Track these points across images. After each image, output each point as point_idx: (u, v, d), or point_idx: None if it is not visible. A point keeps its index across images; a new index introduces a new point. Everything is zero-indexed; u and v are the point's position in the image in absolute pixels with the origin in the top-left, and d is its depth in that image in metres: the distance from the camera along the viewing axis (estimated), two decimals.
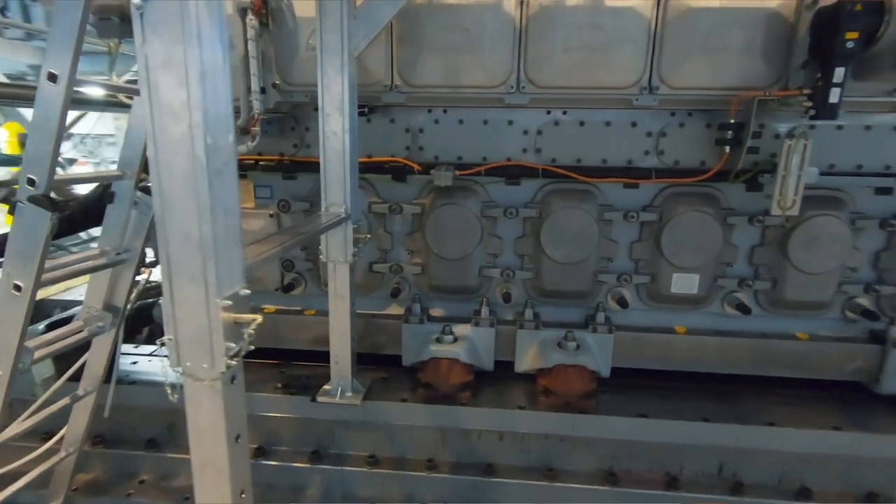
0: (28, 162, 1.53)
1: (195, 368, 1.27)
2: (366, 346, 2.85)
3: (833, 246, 2.52)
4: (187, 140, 1.13)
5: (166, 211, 1.18)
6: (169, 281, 1.22)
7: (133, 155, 1.91)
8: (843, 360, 2.66)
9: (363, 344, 2.82)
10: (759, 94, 2.27)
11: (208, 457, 1.34)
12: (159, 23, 1.07)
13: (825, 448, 2.38)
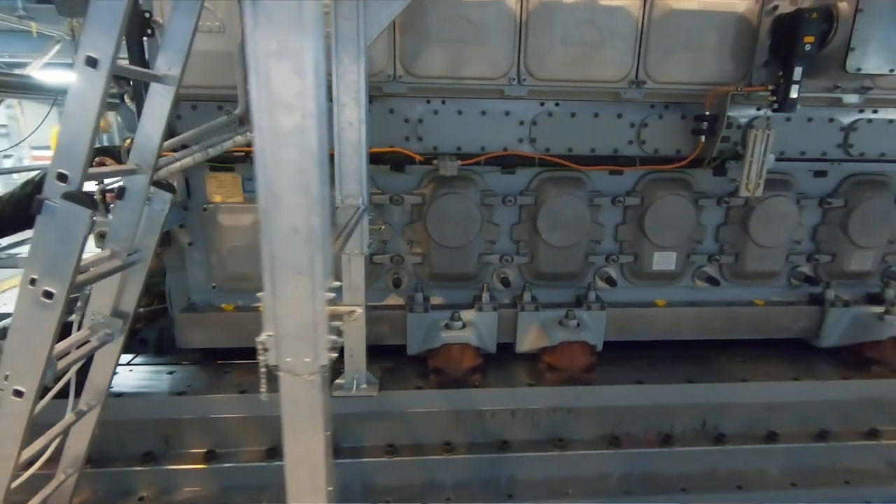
0: (60, 155, 1.39)
1: (296, 364, 1.25)
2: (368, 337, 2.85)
3: (784, 222, 2.90)
4: (300, 132, 1.11)
5: (273, 205, 1.14)
6: (272, 276, 1.19)
7: (149, 147, 1.78)
8: (791, 321, 3.08)
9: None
10: (732, 90, 2.55)
11: (304, 452, 1.32)
12: (275, 10, 1.04)
13: (786, 396, 2.77)
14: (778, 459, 2.70)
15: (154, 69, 1.75)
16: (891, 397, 2.83)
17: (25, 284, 1.45)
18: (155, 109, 1.48)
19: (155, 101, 1.53)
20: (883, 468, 2.71)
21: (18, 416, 1.50)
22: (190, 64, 2.29)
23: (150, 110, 1.50)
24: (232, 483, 2.48)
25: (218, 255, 2.78)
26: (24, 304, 1.45)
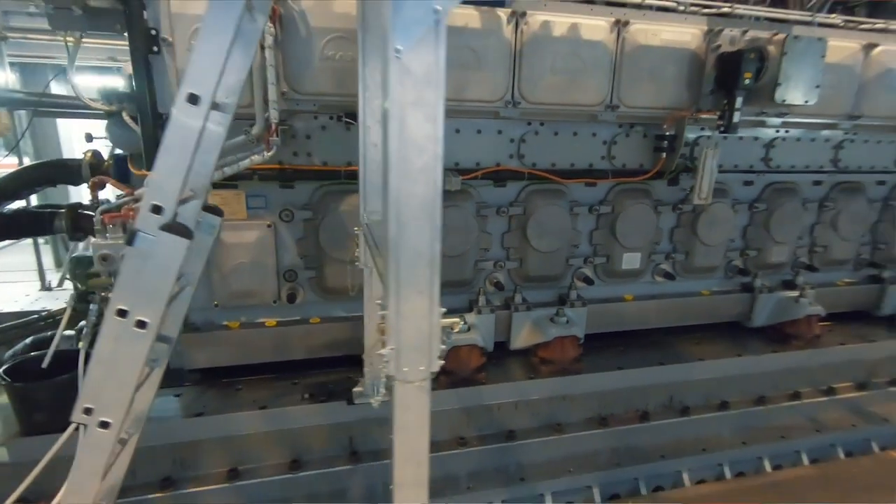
0: (154, 188, 1.42)
1: (411, 373, 1.41)
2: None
3: (723, 224, 3.45)
4: (429, 170, 1.28)
5: (401, 233, 1.30)
6: (397, 296, 1.34)
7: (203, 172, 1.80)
8: (730, 307, 3.66)
9: (360, 345, 2.93)
10: (688, 114, 3.02)
11: (412, 452, 1.48)
12: (415, 68, 1.21)
13: (733, 370, 3.30)
14: (730, 424, 3.22)
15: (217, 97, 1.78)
16: (808, 365, 3.47)
17: (112, 316, 1.45)
18: (211, 136, 1.51)
19: (212, 128, 1.54)
20: (807, 423, 3.33)
21: (104, 449, 1.50)
22: None
23: (207, 137, 1.52)
24: (257, 498, 2.50)
25: (220, 273, 2.75)
26: (112, 335, 1.45)
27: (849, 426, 3.35)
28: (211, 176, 1.85)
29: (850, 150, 3.70)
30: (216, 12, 1.38)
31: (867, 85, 3.33)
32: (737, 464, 3.11)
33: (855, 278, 4.03)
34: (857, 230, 3.85)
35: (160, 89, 2.39)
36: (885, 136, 3.74)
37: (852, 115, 3.39)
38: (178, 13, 2.31)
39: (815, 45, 2.85)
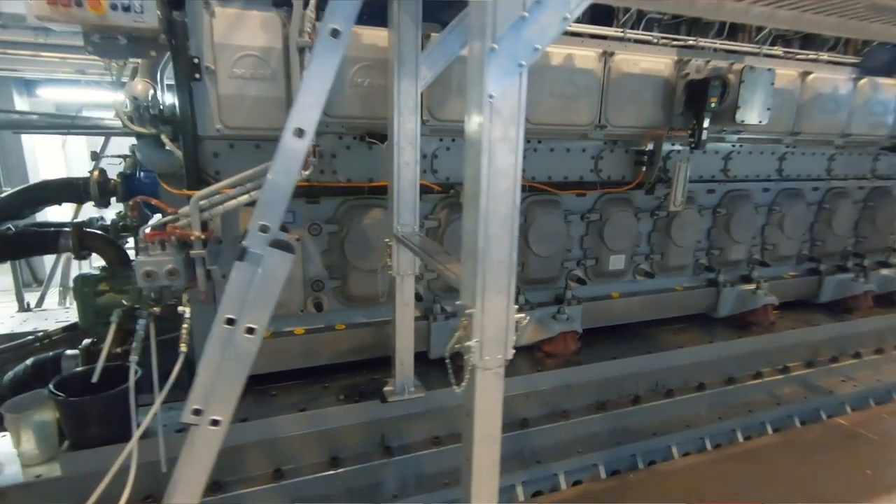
0: (262, 211, 1.62)
1: (491, 361, 1.67)
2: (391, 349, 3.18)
3: (692, 228, 3.92)
4: (510, 192, 1.56)
5: (488, 244, 1.57)
6: (482, 297, 1.60)
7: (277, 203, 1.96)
8: (699, 300, 4.14)
9: (382, 348, 3.16)
10: (664, 132, 3.45)
11: (487, 430, 1.74)
12: (504, 109, 1.49)
13: (706, 356, 3.76)
14: (706, 403, 3.67)
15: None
16: (766, 348, 3.99)
17: (220, 324, 1.63)
18: (286, 163, 1.69)
19: (286, 156, 1.72)
20: (768, 398, 3.83)
21: (214, 445, 1.66)
22: (241, 107, 2.51)
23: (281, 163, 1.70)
24: (300, 497, 2.66)
25: None
26: (220, 341, 1.63)
27: (802, 399, 3.89)
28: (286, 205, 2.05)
29: (791, 161, 4.29)
30: (320, 60, 1.60)
31: (804, 106, 3.92)
32: (715, 437, 3.55)
33: (798, 271, 4.64)
34: (798, 230, 4.45)
35: (201, 114, 2.54)
36: (818, 149, 4.37)
37: (793, 132, 3.97)
38: (221, 43, 2.47)
39: (766, 74, 3.36)
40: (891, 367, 4.37)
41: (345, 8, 1.62)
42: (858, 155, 4.62)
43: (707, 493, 2.97)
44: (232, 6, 2.47)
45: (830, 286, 4.59)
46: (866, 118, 4.23)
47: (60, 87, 6.93)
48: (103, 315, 3.28)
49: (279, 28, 2.54)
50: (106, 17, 2.17)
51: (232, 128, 2.59)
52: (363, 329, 3.15)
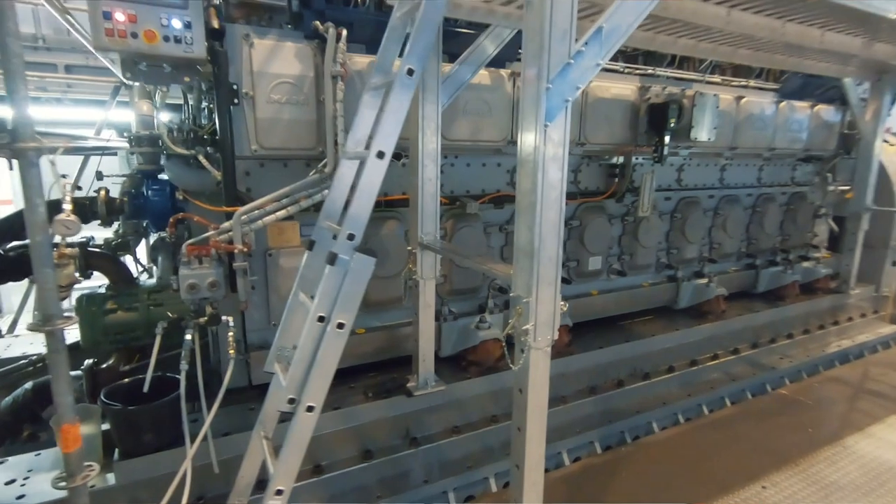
0: (350, 221, 1.88)
1: (542, 342, 2.01)
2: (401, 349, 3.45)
3: (655, 231, 4.49)
4: (557, 201, 1.92)
5: (542, 245, 1.92)
6: (536, 288, 1.94)
7: (334, 209, 2.24)
8: (662, 294, 4.70)
9: (397, 349, 3.43)
10: (632, 149, 3.98)
11: (538, 402, 2.07)
12: (555, 134, 1.85)
13: (673, 342, 4.30)
14: (676, 383, 4.19)
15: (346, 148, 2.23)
16: (719, 333, 4.60)
17: (313, 322, 1.87)
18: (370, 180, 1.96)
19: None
20: (724, 376, 4.42)
21: (309, 428, 1.88)
22: (276, 129, 2.75)
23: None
24: (338, 489, 2.85)
25: (278, 295, 3.07)
26: (313, 336, 1.86)
27: (751, 375, 4.51)
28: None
29: (730, 172, 5.00)
30: (398, 95, 1.89)
31: (739, 125, 4.61)
32: (685, 411, 4.06)
33: (739, 266, 5.35)
34: (738, 230, 5.15)
35: (238, 135, 2.73)
36: (750, 161, 5.11)
37: (731, 147, 4.65)
38: (259, 71, 2.69)
39: (712, 98, 3.98)
40: (816, 345, 5.13)
41: (418, 52, 1.92)
42: (781, 166, 5.43)
43: (684, 458, 3.46)
44: (269, 38, 2.70)
45: (765, 278, 5.33)
46: (786, 135, 5.01)
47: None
48: (111, 333, 3.33)
49: (311, 58, 2.79)
50: (158, 48, 2.34)
51: (267, 148, 2.80)
52: (380, 332, 3.40)
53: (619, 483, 3.19)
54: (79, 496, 1.84)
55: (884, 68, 4.73)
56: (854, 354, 5.23)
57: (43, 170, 1.71)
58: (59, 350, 1.71)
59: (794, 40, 3.43)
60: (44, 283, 1.66)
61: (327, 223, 2.23)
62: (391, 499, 2.88)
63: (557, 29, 1.77)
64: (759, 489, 3.15)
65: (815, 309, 5.37)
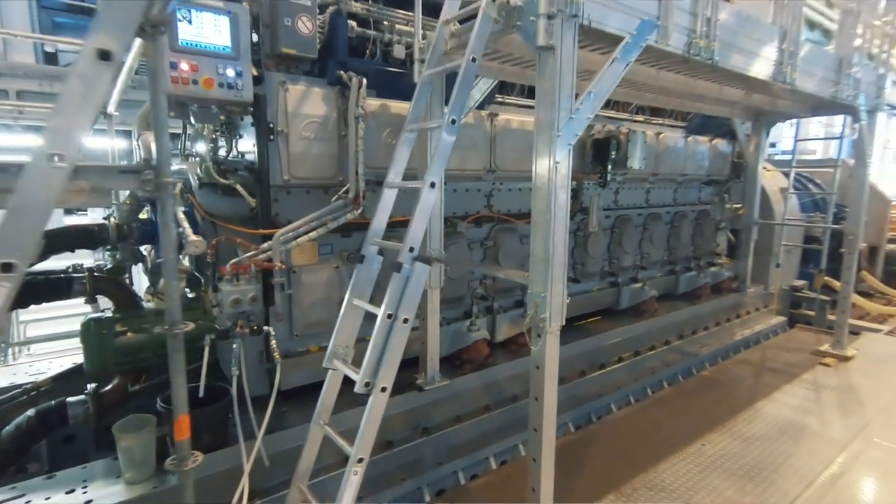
0: (410, 237, 2.38)
1: (554, 327, 2.60)
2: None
3: (601, 243, 5.32)
4: (564, 218, 2.54)
5: (554, 251, 2.52)
6: (551, 286, 2.54)
7: (378, 228, 2.71)
8: (607, 297, 5.54)
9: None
10: (582, 175, 4.79)
11: (551, 374, 2.64)
12: (562, 169, 2.49)
13: (619, 337, 5.10)
14: (626, 371, 4.96)
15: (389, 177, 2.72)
16: (654, 328, 5.49)
17: (383, 319, 2.32)
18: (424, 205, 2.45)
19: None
20: (660, 363, 5.28)
21: (382, 406, 2.31)
22: (305, 161, 3.18)
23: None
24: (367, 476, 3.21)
25: (301, 308, 3.43)
26: (384, 330, 2.32)
27: (680, 361, 5.42)
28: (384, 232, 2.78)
29: (653, 193, 6.01)
30: (445, 140, 2.43)
31: (659, 155, 5.62)
32: (634, 393, 4.84)
33: (663, 272, 6.36)
34: (661, 242, 6.16)
35: (273, 166, 3.11)
36: (667, 185, 6.17)
37: (654, 173, 5.64)
38: (293, 112, 3.11)
39: (642, 135, 4.90)
40: (725, 335, 6.22)
41: (458, 106, 2.47)
42: (690, 188, 6.57)
43: (639, 429, 4.20)
44: (300, 84, 3.14)
45: (684, 281, 6.39)
46: (694, 163, 6.14)
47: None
48: (120, 355, 3.49)
49: (334, 101, 3.26)
50: (213, 92, 2.72)
51: (296, 178, 3.20)
52: None
53: (593, 453, 3.85)
54: (187, 478, 2.13)
55: (760, 112, 6.00)
56: (753, 341, 6.39)
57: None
58: (178, 349, 2.03)
59: (700, 92, 4.42)
60: (171, 294, 1.98)
61: (375, 241, 2.70)
62: (413, 481, 3.31)
63: (564, 93, 2.43)
64: (700, 446, 3.94)
65: (723, 305, 6.49)
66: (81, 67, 1.24)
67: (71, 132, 1.26)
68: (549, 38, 2.37)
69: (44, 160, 1.23)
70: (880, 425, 4.26)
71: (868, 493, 3.38)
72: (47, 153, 1.23)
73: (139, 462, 2.64)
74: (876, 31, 5.23)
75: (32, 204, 1.24)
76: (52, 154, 1.24)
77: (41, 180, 1.24)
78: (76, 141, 1.27)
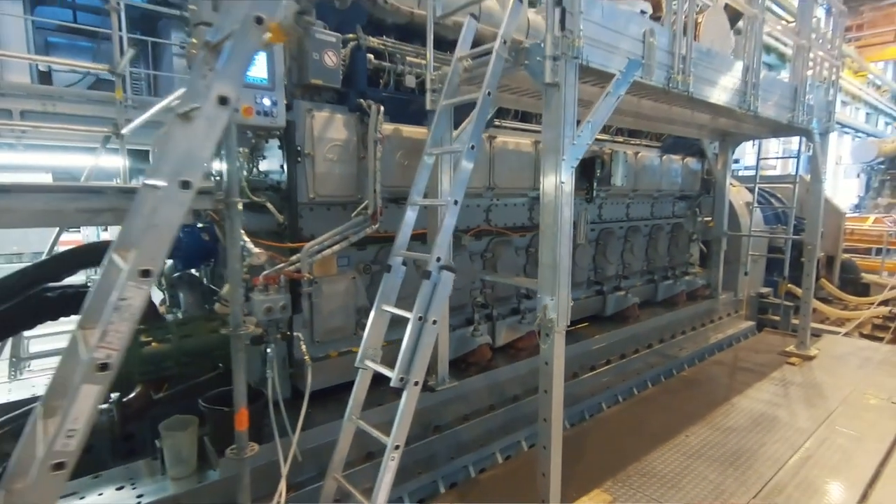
0: (437, 248, 2.70)
1: (561, 327, 2.95)
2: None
3: (588, 254, 5.74)
4: (568, 231, 2.91)
5: (561, 260, 2.88)
6: (558, 291, 2.89)
7: (404, 242, 3.03)
8: (594, 304, 5.94)
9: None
10: None
11: (558, 370, 2.98)
12: (567, 188, 2.86)
13: (608, 341, 5.50)
14: (613, 372, 5.35)
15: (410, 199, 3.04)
16: (638, 333, 5.91)
17: (415, 321, 2.63)
18: (450, 221, 2.78)
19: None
20: (645, 365, 5.69)
21: (415, 398, 2.60)
22: (328, 181, 3.49)
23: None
24: None
25: (321, 316, 3.69)
26: (415, 331, 2.62)
27: (662, 363, 5.85)
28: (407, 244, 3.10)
29: (633, 208, 6.49)
30: (465, 164, 2.78)
31: (638, 172, 6.11)
32: (622, 393, 5.21)
33: (643, 281, 6.83)
34: (640, 253, 6.63)
35: (300, 186, 3.40)
36: (645, 199, 6.66)
37: (634, 189, 6.13)
38: (318, 136, 3.41)
39: (623, 155, 5.37)
40: (701, 338, 6.70)
41: (477, 133, 2.82)
42: (665, 202, 7.09)
43: (628, 425, 4.57)
44: (324, 111, 3.45)
45: (662, 289, 6.86)
46: (668, 179, 6.66)
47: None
48: (145, 365, 3.68)
49: (354, 126, 3.58)
50: (251, 119, 3.01)
51: (321, 196, 3.49)
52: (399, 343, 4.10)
53: (589, 446, 4.19)
54: (244, 466, 2.38)
55: (726, 133, 6.58)
56: (726, 344, 6.90)
57: None
58: (240, 349, 2.30)
59: (673, 116, 4.91)
60: (235, 299, 2.25)
61: (400, 252, 3.01)
62: (429, 475, 3.58)
63: (567, 122, 2.81)
64: (684, 437, 4.32)
65: (698, 311, 6.98)
66: (207, 110, 1.53)
67: (196, 162, 1.55)
68: (555, 76, 2.76)
69: (175, 186, 1.51)
70: (841, 415, 4.73)
71: (832, 473, 3.81)
72: (179, 180, 1.51)
73: (185, 459, 2.85)
74: (824, 63, 5.86)
75: (165, 221, 1.52)
76: (183, 181, 1.52)
77: (173, 201, 1.52)
78: (200, 169, 1.56)
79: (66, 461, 1.44)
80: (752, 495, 3.51)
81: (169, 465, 2.86)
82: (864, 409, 4.87)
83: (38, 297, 3.50)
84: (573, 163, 2.89)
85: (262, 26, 1.61)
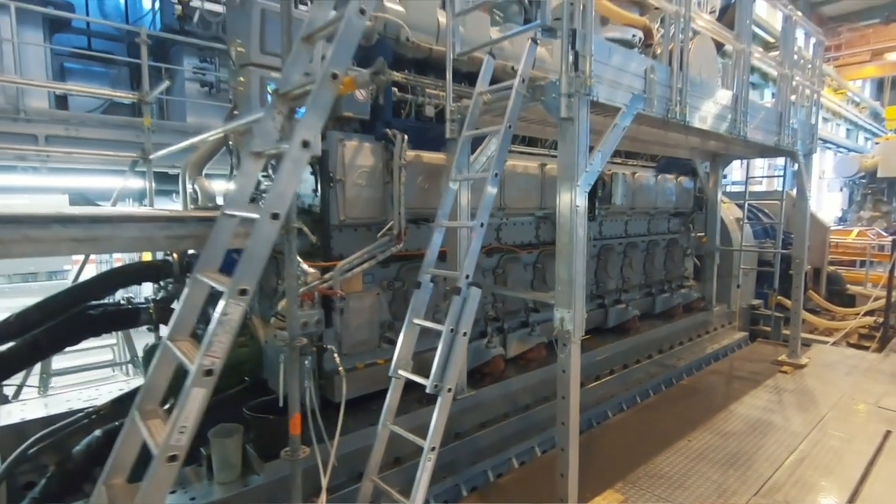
0: (465, 267, 2.98)
1: (577, 338, 3.23)
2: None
3: (590, 269, 6.04)
4: (583, 249, 3.21)
5: (577, 275, 3.17)
6: (574, 304, 3.17)
7: (431, 261, 3.30)
8: (596, 317, 6.22)
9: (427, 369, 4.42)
10: None
11: (574, 377, 3.25)
12: (581, 210, 3.16)
13: (609, 352, 5.77)
14: (616, 382, 5.61)
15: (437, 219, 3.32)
16: (639, 345, 6.19)
17: (447, 333, 2.90)
18: (477, 241, 3.07)
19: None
20: (645, 375, 5.97)
21: (449, 403, 2.85)
22: (357, 204, 3.77)
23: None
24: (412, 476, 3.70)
25: (349, 330, 3.94)
26: (447, 342, 2.88)
27: (662, 373, 6.13)
28: (434, 263, 3.37)
29: (631, 224, 6.83)
30: (489, 190, 3.07)
31: (636, 192, 6.46)
32: (626, 401, 5.48)
33: (641, 294, 7.14)
34: (638, 267, 6.96)
35: (332, 209, 3.68)
36: (642, 217, 7.01)
37: (631, 207, 6.47)
38: (348, 163, 3.70)
39: (622, 175, 5.71)
40: (698, 349, 7.00)
41: (500, 161, 3.12)
42: (661, 219, 7.45)
43: (634, 431, 4.84)
44: (353, 140, 3.75)
45: (660, 302, 7.17)
46: (663, 197, 7.02)
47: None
48: (180, 377, 3.90)
49: (381, 154, 3.88)
50: None
51: (350, 218, 3.77)
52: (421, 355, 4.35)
53: (598, 451, 4.45)
54: (297, 467, 2.60)
55: (717, 154, 6.98)
56: (721, 354, 7.21)
57: None
58: (296, 360, 2.54)
59: (668, 140, 5.27)
60: (292, 314, 2.51)
61: (430, 270, 3.28)
62: (452, 479, 3.81)
63: (581, 152, 3.13)
64: (687, 441, 4.59)
65: (694, 323, 7.30)
66: (293, 152, 1.81)
67: (285, 197, 1.82)
68: (570, 112, 3.08)
69: (268, 217, 1.78)
70: (833, 419, 5.03)
71: (825, 472, 4.09)
72: (270, 212, 1.78)
73: (232, 464, 3.06)
74: (805, 90, 6.29)
75: (259, 247, 1.78)
76: (273, 213, 1.79)
77: (265, 230, 1.78)
78: (286, 203, 1.83)
79: (178, 454, 1.67)
80: (752, 493, 3.78)
81: (217, 470, 3.07)
82: (853, 414, 5.18)
83: (83, 314, 3.71)
84: (586, 188, 3.20)
85: (336, 81, 1.90)
